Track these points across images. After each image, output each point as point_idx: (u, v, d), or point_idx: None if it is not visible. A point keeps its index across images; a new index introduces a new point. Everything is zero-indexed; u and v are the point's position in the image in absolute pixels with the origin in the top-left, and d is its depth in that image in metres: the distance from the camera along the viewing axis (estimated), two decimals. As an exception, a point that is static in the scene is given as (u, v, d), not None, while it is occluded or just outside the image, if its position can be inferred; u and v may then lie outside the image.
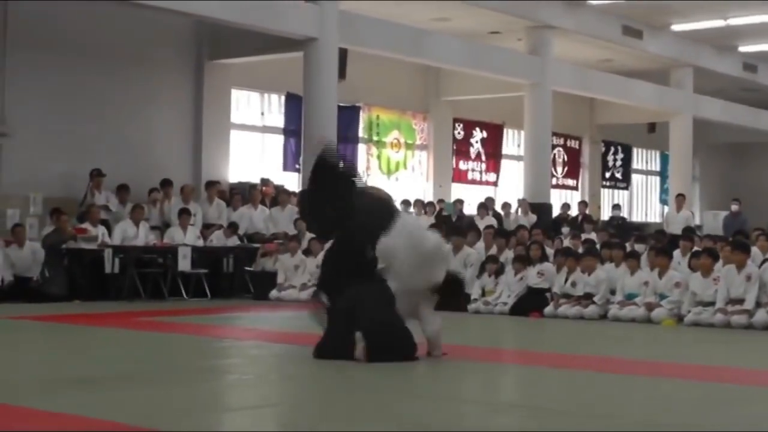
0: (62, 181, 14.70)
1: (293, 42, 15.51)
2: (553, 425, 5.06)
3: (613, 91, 22.32)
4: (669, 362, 7.83)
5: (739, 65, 25.01)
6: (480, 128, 22.93)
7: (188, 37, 16.75)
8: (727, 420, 5.34)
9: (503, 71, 19.26)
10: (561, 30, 19.78)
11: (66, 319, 10.75)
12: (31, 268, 13.09)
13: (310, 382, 6.63)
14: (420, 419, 5.18)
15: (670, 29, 22.11)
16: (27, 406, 5.34)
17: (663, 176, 28.19)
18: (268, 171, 17.92)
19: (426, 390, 6.36)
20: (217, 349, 8.50)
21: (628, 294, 11.58)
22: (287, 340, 9.16)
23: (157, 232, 14.39)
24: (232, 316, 11.77)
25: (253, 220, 15.75)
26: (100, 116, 15.32)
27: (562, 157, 25.23)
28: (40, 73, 14.66)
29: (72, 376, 6.54)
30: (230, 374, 7.07)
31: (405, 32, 17.27)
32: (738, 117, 26.08)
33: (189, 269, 13.62)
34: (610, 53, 22.30)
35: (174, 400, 5.71)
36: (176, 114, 16.61)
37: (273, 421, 5.26)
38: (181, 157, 16.58)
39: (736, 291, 10.71)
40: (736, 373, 7.29)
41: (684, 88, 23.97)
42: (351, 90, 18.22)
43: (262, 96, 18.47)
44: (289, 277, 14.14)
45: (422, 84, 21.46)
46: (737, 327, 10.43)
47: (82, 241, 13.28)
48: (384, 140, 20.63)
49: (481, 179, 22.97)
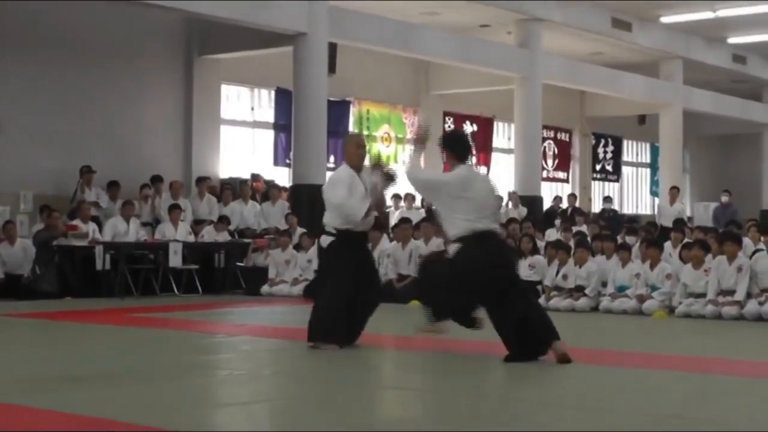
0: (52, 178, 14.68)
1: (283, 37, 15.49)
2: (544, 417, 5.07)
3: (603, 83, 22.34)
4: (660, 354, 7.84)
5: (729, 57, 25.04)
6: (470, 122, 22.92)
7: (178, 32, 16.72)
8: (718, 410, 5.35)
9: (493, 64, 19.26)
10: (550, 23, 19.78)
11: (57, 316, 10.73)
12: (22, 265, 13.08)
13: (303, 376, 6.63)
14: (403, 410, 5.18)
15: (659, 21, 22.13)
16: (18, 403, 5.32)
17: (653, 168, 28.23)
18: (259, 166, 17.90)
19: (422, 384, 6.37)
20: (209, 345, 8.50)
21: (620, 286, 11.60)
22: (279, 335, 9.17)
23: (147, 229, 14.37)
24: (223, 312, 11.77)
25: (243, 216, 15.75)
26: (90, 113, 15.29)
27: (552, 150, 25.25)
28: (29, 70, 14.61)
29: (63, 373, 6.52)
30: (222, 370, 7.06)
31: (394, 26, 17.25)
32: (728, 108, 26.12)
33: (180, 265, 13.59)
34: (599, 46, 22.30)
35: (166, 396, 5.71)
36: (166, 110, 16.58)
37: (266, 417, 5.26)
38: (172, 153, 16.55)
39: (727, 282, 10.74)
40: (728, 364, 7.31)
41: (674, 80, 23.99)
42: (341, 84, 18.20)
43: (252, 91, 18.44)
44: (281, 272, 14.13)
45: (412, 78, 21.45)
46: (728, 318, 10.47)
47: (73, 238, 13.25)
48: (374, 134, 20.62)
49: (471, 173, 22.93)
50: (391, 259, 13.28)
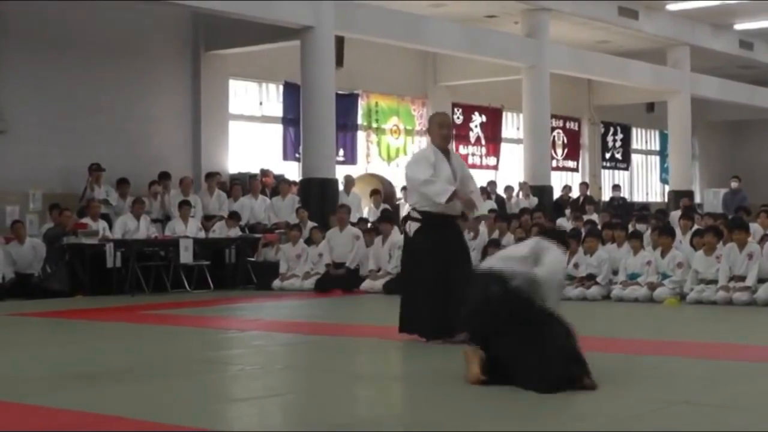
0: (61, 177, 14.71)
1: (290, 31, 15.48)
2: (554, 402, 5.07)
3: (611, 72, 22.28)
4: (673, 340, 7.83)
5: (735, 43, 24.96)
6: (479, 112, 22.89)
7: (185, 28, 16.73)
8: (731, 396, 5.35)
9: (500, 55, 19.23)
10: (557, 12, 19.73)
11: (68, 314, 10.74)
12: (32, 264, 13.10)
13: (316, 371, 6.64)
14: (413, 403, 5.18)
15: (665, 9, 22.06)
16: (31, 403, 5.33)
17: (663, 155, 28.16)
18: (268, 161, 17.90)
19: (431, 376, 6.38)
20: (222, 340, 8.51)
21: (631, 274, 11.60)
22: (291, 330, 9.18)
23: (158, 225, 14.39)
24: (235, 307, 11.78)
25: (253, 211, 15.76)
26: (98, 110, 15.31)
27: (561, 139, 25.19)
28: (37, 67, 14.65)
29: (76, 371, 6.53)
30: (235, 365, 7.07)
31: (401, 18, 17.23)
32: (735, 94, 26.06)
33: (191, 261, 13.61)
34: (606, 34, 22.25)
35: (179, 392, 5.72)
36: (174, 106, 16.59)
37: (279, 411, 5.26)
38: (180, 149, 16.57)
39: (739, 269, 10.75)
40: (740, 350, 7.30)
41: (681, 67, 23.92)
42: (349, 77, 18.19)
43: (260, 86, 18.43)
44: (292, 266, 14.15)
45: (420, 70, 21.42)
46: (739, 304, 10.45)
47: (83, 236, 13.25)
48: (383, 127, 20.60)
49: (481, 163, 22.94)
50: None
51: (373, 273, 13.55)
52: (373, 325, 9.58)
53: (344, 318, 10.69)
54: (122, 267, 13.13)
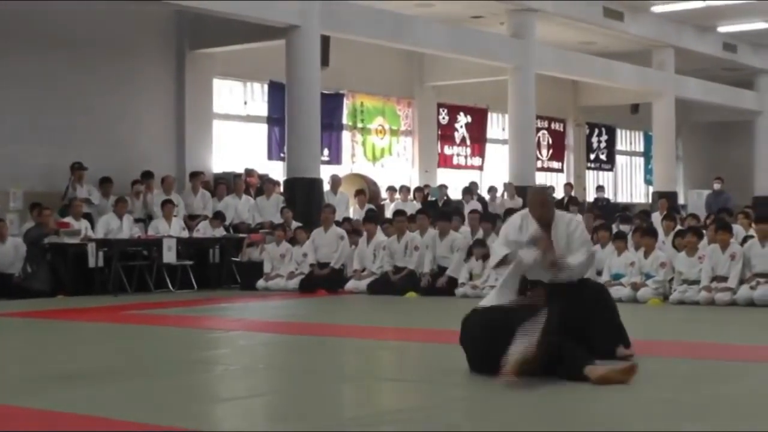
0: (43, 175, 14.58)
1: (275, 30, 15.45)
2: (534, 399, 5.07)
3: (596, 73, 22.36)
4: (656, 340, 7.85)
5: (719, 45, 25.09)
6: (464, 113, 22.92)
7: (169, 27, 16.66)
8: (713, 394, 5.36)
9: (486, 55, 19.26)
10: (543, 13, 19.78)
11: (50, 314, 10.66)
12: (13, 264, 12.96)
13: (300, 371, 6.61)
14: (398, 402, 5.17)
15: (650, 11, 22.15)
16: (13, 404, 5.29)
17: (647, 156, 28.27)
18: (253, 160, 17.86)
19: (419, 375, 6.37)
20: (205, 341, 8.48)
21: (615, 274, 11.64)
22: (275, 330, 9.16)
23: (141, 225, 14.33)
24: (219, 307, 11.74)
25: (238, 210, 15.72)
26: (81, 109, 15.21)
27: (546, 140, 25.25)
28: (17, 65, 14.53)
29: (58, 372, 6.49)
30: (219, 365, 7.05)
31: (387, 18, 17.23)
32: (719, 96, 26.21)
33: (174, 261, 13.56)
34: (592, 35, 22.32)
35: (163, 392, 5.69)
36: (158, 105, 16.53)
37: (262, 411, 5.24)
38: (164, 148, 16.51)
39: (721, 270, 10.84)
40: (722, 349, 7.32)
41: (665, 69, 24.03)
42: (334, 77, 18.17)
43: (245, 85, 18.39)
44: (276, 266, 14.12)
45: (406, 70, 21.42)
46: (721, 304, 10.53)
47: (65, 236, 13.16)
48: (369, 127, 20.60)
49: (466, 164, 22.97)
50: (386, 252, 13.31)
51: (358, 273, 13.55)
52: (357, 325, 9.56)
53: (328, 318, 10.67)
54: (105, 267, 13.05)
